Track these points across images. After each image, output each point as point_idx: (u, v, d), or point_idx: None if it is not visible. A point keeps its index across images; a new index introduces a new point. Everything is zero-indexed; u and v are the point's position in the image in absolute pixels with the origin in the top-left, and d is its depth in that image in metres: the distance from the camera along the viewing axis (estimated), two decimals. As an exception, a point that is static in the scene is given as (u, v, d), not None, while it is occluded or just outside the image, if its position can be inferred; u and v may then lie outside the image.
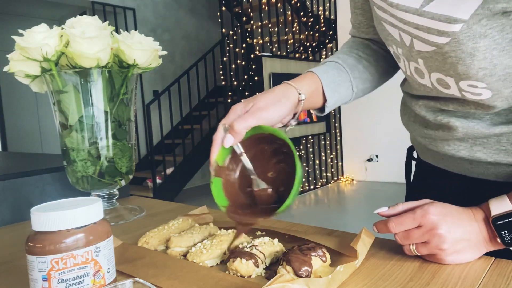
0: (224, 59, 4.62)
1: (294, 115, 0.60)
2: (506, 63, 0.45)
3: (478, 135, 0.54)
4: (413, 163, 0.78)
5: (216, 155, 0.54)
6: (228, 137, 0.52)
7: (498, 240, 0.46)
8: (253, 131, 0.53)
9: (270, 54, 4.28)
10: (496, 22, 0.43)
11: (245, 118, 0.52)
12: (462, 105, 0.54)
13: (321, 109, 0.64)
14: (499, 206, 0.46)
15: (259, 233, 0.61)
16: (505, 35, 0.43)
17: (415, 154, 0.77)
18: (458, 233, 0.46)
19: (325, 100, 0.62)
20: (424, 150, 0.68)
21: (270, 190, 0.55)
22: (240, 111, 0.54)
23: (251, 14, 4.82)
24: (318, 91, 0.61)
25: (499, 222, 0.45)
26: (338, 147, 5.43)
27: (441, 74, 0.51)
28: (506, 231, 0.45)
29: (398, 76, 0.68)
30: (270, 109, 0.53)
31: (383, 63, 0.69)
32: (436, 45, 0.47)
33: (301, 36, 4.98)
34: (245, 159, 0.54)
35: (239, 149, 0.54)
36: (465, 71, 0.47)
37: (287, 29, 4.77)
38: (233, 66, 4.62)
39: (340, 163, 5.46)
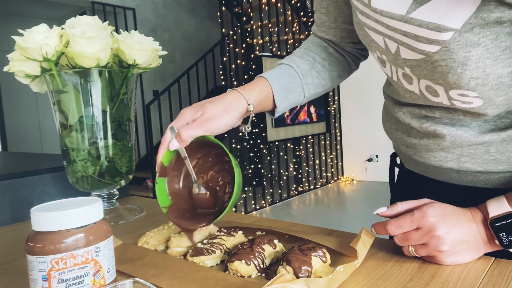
0: (224, 59, 4.62)
1: (247, 120, 0.62)
2: (499, 72, 0.43)
3: (465, 144, 0.52)
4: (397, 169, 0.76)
5: (162, 155, 0.56)
6: (174, 142, 0.54)
7: (497, 242, 0.46)
8: (198, 138, 0.55)
9: (270, 54, 4.28)
10: (489, 30, 0.40)
11: (192, 127, 0.54)
12: (449, 112, 0.52)
13: (272, 112, 0.66)
14: (497, 207, 0.46)
15: (259, 233, 0.61)
16: (499, 43, 0.41)
17: (398, 160, 0.75)
18: (457, 234, 0.46)
19: (275, 106, 0.64)
20: (408, 159, 0.66)
21: (208, 194, 0.57)
22: (188, 117, 0.56)
23: (251, 14, 4.82)
24: (269, 98, 0.63)
25: (497, 224, 0.45)
26: (338, 147, 5.43)
27: (430, 82, 0.49)
28: (504, 233, 0.45)
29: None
30: (217, 121, 0.56)
31: (337, 67, 0.71)
32: (425, 54, 0.45)
33: (301, 36, 4.98)
34: (188, 163, 0.56)
35: (184, 153, 0.55)
36: (456, 80, 0.45)
37: (287, 29, 4.77)
38: (233, 66, 4.62)
39: (340, 163, 5.46)
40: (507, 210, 0.45)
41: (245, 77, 4.50)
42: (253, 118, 0.61)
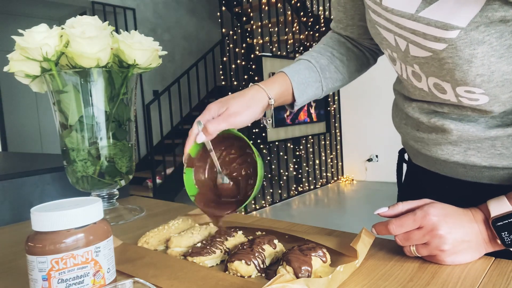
0: (224, 59, 4.62)
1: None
2: (504, 69, 0.44)
3: (472, 138, 0.54)
4: (405, 165, 0.78)
5: (190, 148, 0.59)
6: (201, 135, 0.58)
7: (498, 241, 0.46)
8: (223, 132, 0.59)
9: (270, 54, 4.28)
10: (494, 29, 0.42)
11: (218, 121, 0.58)
12: (457, 108, 0.53)
13: (291, 105, 0.69)
14: (498, 207, 0.46)
15: (259, 233, 0.61)
16: (504, 41, 0.43)
17: (406, 157, 0.77)
18: (458, 234, 0.46)
19: (294, 99, 0.67)
20: (416, 154, 0.68)
21: (231, 184, 0.61)
22: (214, 112, 0.60)
23: (251, 14, 4.82)
24: (288, 92, 0.66)
25: (499, 223, 0.45)
26: (338, 147, 5.43)
27: (438, 79, 0.50)
28: (506, 232, 0.45)
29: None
30: (241, 115, 0.59)
31: (355, 62, 0.73)
32: (432, 51, 0.47)
33: (301, 36, 4.98)
34: (213, 155, 0.60)
35: (209, 145, 0.59)
36: (462, 77, 0.47)
37: (287, 29, 4.77)
38: (233, 66, 4.61)
39: (340, 163, 5.46)
40: (509, 210, 0.45)
41: (245, 77, 4.50)
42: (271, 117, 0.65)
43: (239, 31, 4.80)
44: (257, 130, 4.31)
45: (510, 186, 0.55)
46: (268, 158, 4.50)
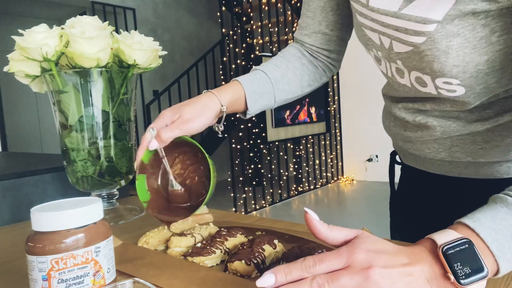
0: (224, 59, 4.62)
1: (221, 119, 0.68)
2: (477, 60, 0.48)
3: (455, 133, 0.57)
4: (397, 166, 0.80)
5: (143, 155, 0.61)
6: (153, 142, 0.59)
7: (450, 277, 0.34)
8: (177, 138, 0.60)
9: (270, 54, 4.28)
10: (467, 22, 0.45)
11: (172, 129, 0.59)
12: (438, 104, 0.56)
13: (244, 113, 0.72)
14: (443, 236, 0.37)
15: (259, 233, 0.61)
16: (476, 34, 0.46)
17: (398, 158, 0.80)
18: (394, 272, 0.34)
19: (247, 108, 0.70)
20: (406, 154, 0.71)
21: (182, 191, 0.63)
22: (167, 119, 0.61)
23: (251, 14, 4.82)
24: (241, 100, 0.69)
25: (451, 252, 0.35)
26: (338, 147, 5.43)
27: (419, 73, 0.53)
28: (459, 263, 0.34)
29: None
30: (194, 122, 0.61)
31: (307, 77, 0.77)
32: (413, 45, 0.50)
33: (301, 36, 4.98)
34: (165, 162, 0.61)
35: (162, 153, 0.60)
36: (440, 68, 0.49)
37: (287, 29, 4.77)
38: (233, 66, 4.62)
39: (340, 163, 5.47)
40: (457, 236, 0.36)
41: (245, 77, 4.50)
42: (223, 123, 0.67)
43: (239, 31, 4.80)
44: (257, 130, 4.31)
45: (495, 179, 0.58)
46: (268, 158, 4.50)
